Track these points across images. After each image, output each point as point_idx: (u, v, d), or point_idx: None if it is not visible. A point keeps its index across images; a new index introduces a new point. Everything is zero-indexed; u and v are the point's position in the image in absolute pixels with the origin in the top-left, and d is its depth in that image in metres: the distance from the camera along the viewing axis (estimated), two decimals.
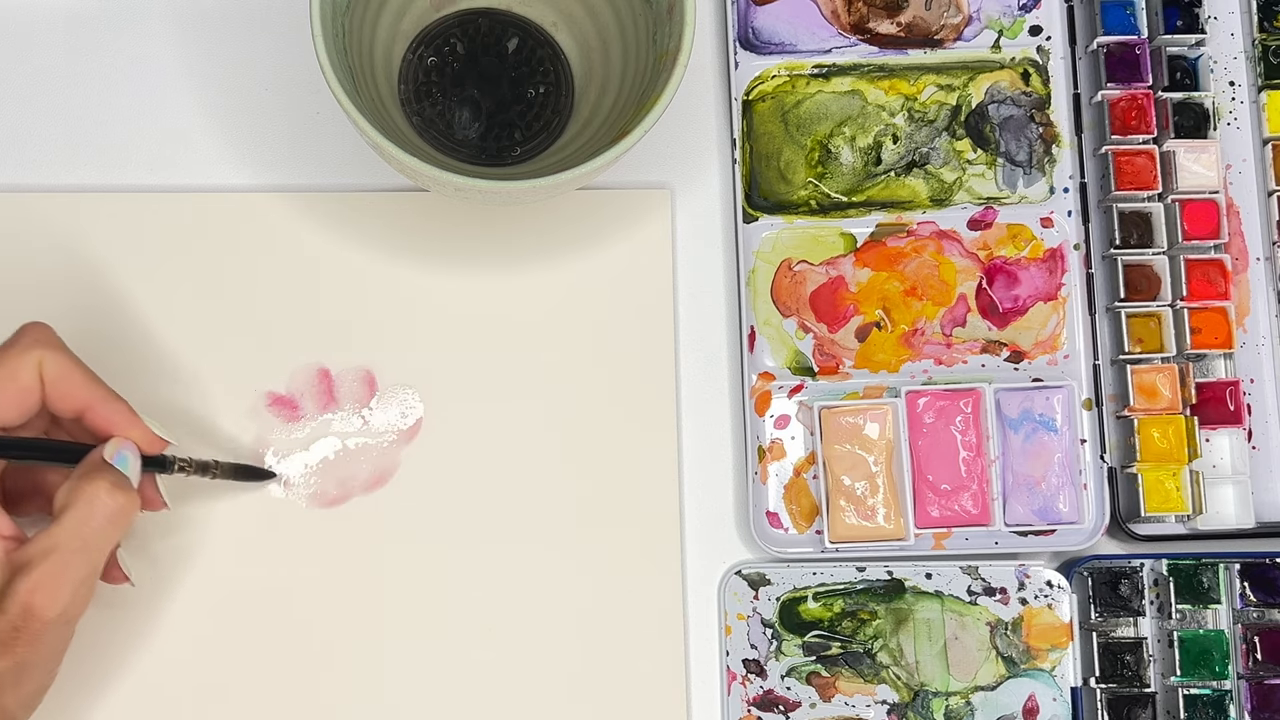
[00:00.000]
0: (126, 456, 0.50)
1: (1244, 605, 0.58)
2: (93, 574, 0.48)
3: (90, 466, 0.49)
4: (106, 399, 0.51)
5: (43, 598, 0.47)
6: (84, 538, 0.48)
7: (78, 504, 0.48)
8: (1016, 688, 0.58)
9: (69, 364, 0.50)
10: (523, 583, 0.58)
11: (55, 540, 0.47)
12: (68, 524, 0.47)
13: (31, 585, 0.46)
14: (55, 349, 0.50)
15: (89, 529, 0.48)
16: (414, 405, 0.59)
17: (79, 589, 0.48)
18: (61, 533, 0.47)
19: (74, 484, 0.48)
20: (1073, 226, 0.61)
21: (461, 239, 0.60)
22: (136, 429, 0.51)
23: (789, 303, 0.61)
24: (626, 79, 0.57)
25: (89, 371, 0.51)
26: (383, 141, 0.50)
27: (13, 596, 0.46)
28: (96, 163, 0.61)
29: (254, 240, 0.60)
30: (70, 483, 0.49)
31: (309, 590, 0.57)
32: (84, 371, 0.51)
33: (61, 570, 0.47)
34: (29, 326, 0.51)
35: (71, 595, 0.47)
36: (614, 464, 0.59)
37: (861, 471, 0.59)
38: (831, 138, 0.62)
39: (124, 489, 0.49)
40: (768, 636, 0.58)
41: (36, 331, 0.50)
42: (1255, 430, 0.61)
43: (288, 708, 0.57)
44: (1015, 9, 0.63)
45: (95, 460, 0.50)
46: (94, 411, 0.50)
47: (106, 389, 0.51)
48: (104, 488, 0.48)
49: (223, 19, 0.62)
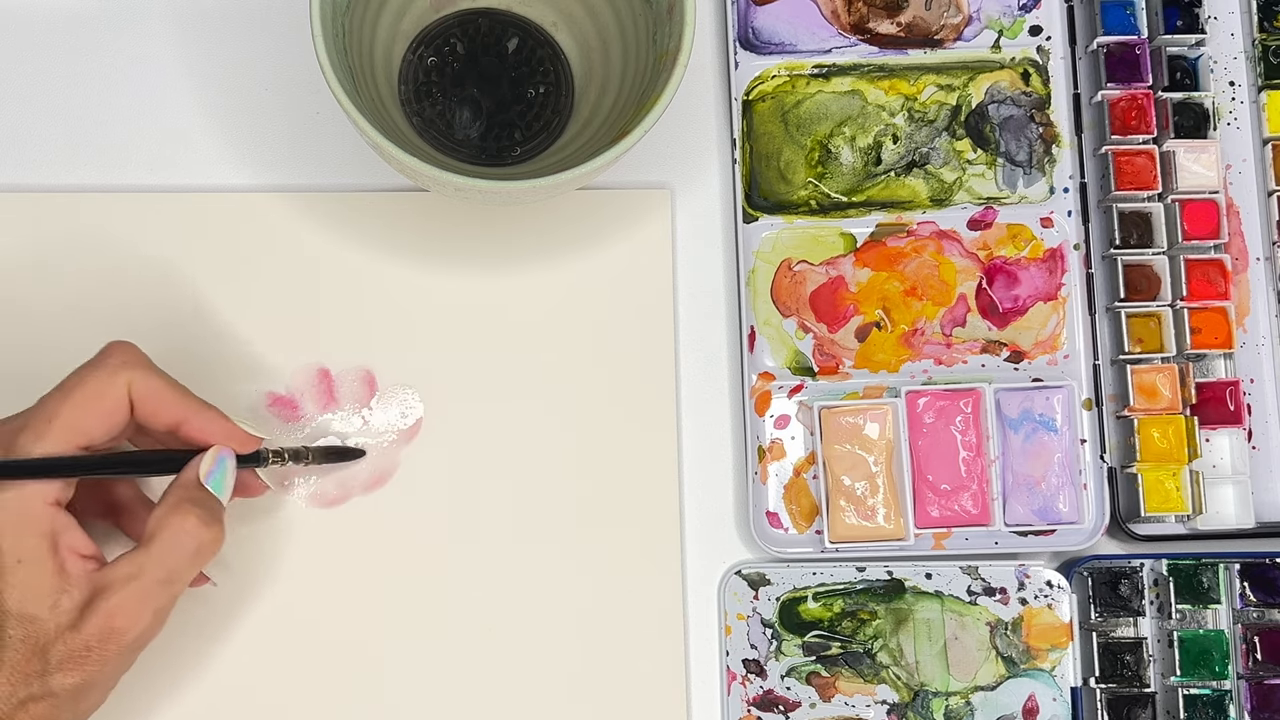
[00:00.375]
0: (224, 461, 0.51)
1: (1244, 605, 0.58)
2: (171, 603, 0.49)
3: (181, 493, 0.50)
4: (199, 410, 0.51)
5: (123, 620, 0.47)
6: (169, 568, 0.48)
7: (166, 534, 0.48)
8: (1016, 688, 0.58)
9: (159, 383, 0.50)
10: (523, 582, 0.58)
11: (141, 567, 0.48)
12: (155, 553, 0.48)
13: (112, 608, 0.47)
14: (143, 368, 0.50)
15: (175, 559, 0.48)
16: (414, 405, 0.59)
17: (157, 616, 0.48)
18: (148, 560, 0.48)
19: (165, 513, 0.49)
20: (1073, 226, 0.61)
21: (461, 239, 0.60)
22: (233, 436, 0.51)
23: (789, 303, 0.61)
24: (626, 79, 0.57)
25: (178, 386, 0.51)
26: (383, 141, 0.50)
27: (92, 616, 0.47)
28: (96, 163, 0.61)
29: (254, 240, 0.60)
30: (161, 510, 0.49)
31: (309, 590, 0.57)
32: (174, 388, 0.51)
33: (144, 596, 0.48)
34: (115, 346, 0.51)
35: (151, 621, 0.48)
36: (614, 464, 0.59)
37: (861, 471, 0.59)
38: (831, 138, 0.62)
39: (212, 524, 0.49)
40: (768, 636, 0.58)
41: (124, 352, 0.50)
42: (1255, 430, 0.61)
43: (288, 707, 0.57)
44: (1015, 9, 0.63)
45: (188, 482, 0.50)
46: (189, 424, 0.51)
47: (197, 401, 0.51)
48: (193, 521, 0.48)
49: (223, 19, 0.62)
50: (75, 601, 0.47)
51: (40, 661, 0.46)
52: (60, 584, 0.47)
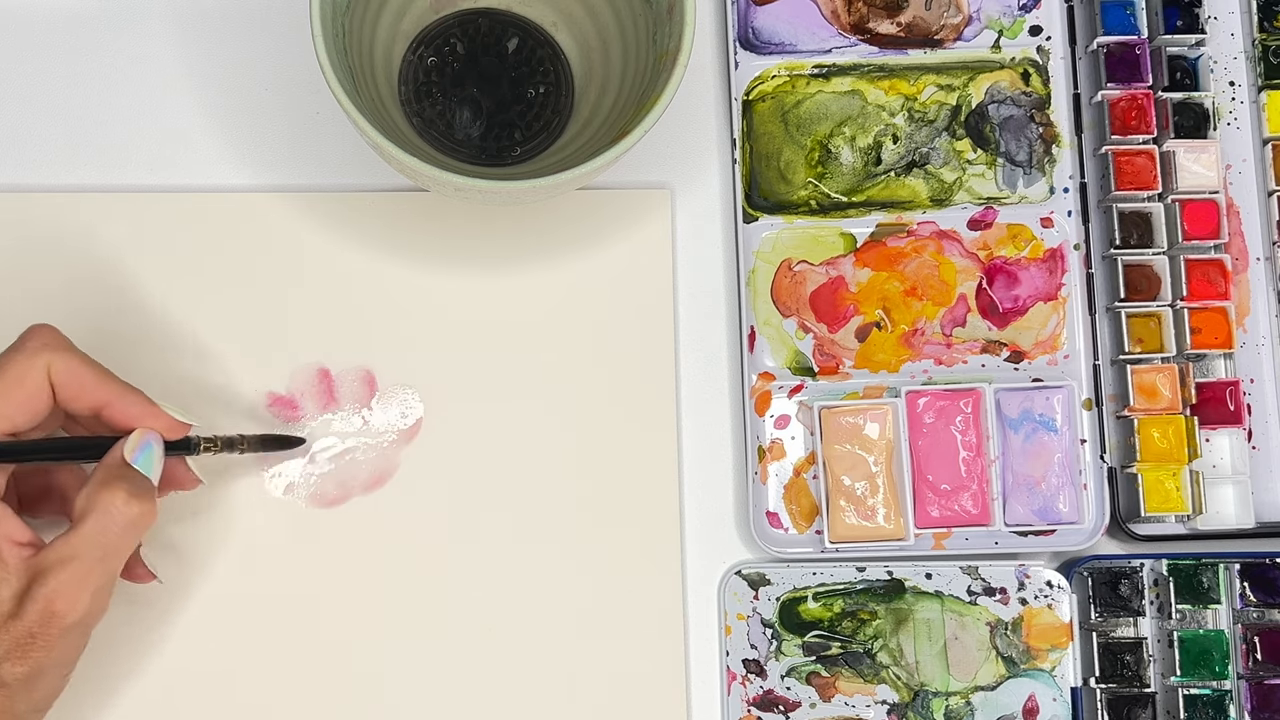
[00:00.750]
0: (151, 445, 0.50)
1: (1244, 605, 0.58)
2: (111, 580, 0.49)
3: (109, 471, 0.49)
4: (122, 393, 0.50)
5: (62, 604, 0.47)
6: (103, 546, 0.48)
7: (96, 511, 0.48)
8: (1016, 688, 0.58)
9: (79, 364, 0.50)
10: (523, 583, 0.58)
11: (74, 548, 0.47)
12: (87, 532, 0.48)
13: (50, 592, 0.47)
14: (63, 350, 0.50)
15: (108, 537, 0.48)
16: (414, 405, 0.59)
17: (97, 595, 0.48)
18: (80, 540, 0.48)
19: (93, 490, 0.48)
20: (1073, 226, 0.61)
21: (461, 239, 0.60)
22: (159, 419, 0.51)
23: (789, 303, 0.61)
24: (626, 79, 0.57)
25: (100, 368, 0.51)
26: (383, 141, 0.50)
27: (32, 602, 0.47)
28: (96, 163, 0.61)
29: (254, 240, 0.60)
30: (89, 489, 0.49)
31: (309, 590, 0.57)
32: (96, 369, 0.50)
33: (81, 577, 0.47)
34: (35, 329, 0.50)
35: (90, 602, 0.48)
36: (614, 464, 0.59)
37: (861, 471, 0.59)
38: (831, 138, 0.62)
39: (142, 497, 0.49)
40: (768, 636, 0.58)
41: (43, 335, 0.50)
42: (1255, 430, 0.61)
43: (288, 707, 0.57)
44: (1015, 9, 0.63)
45: (115, 462, 0.49)
46: (111, 407, 0.50)
47: (120, 383, 0.51)
48: (121, 496, 0.48)
49: (223, 19, 0.62)
50: (13, 589, 0.47)
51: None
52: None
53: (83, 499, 0.48)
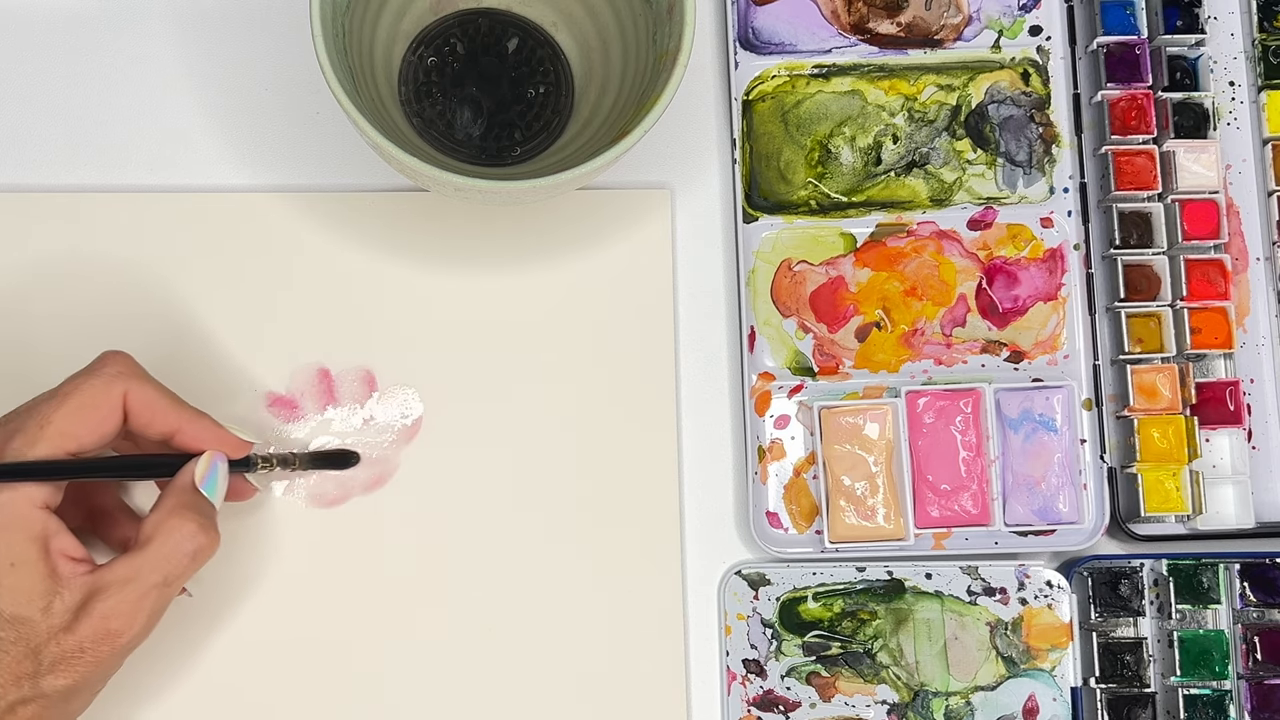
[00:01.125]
0: (218, 467, 0.51)
1: (1244, 605, 0.58)
2: (165, 607, 0.49)
3: (180, 497, 0.50)
4: (193, 420, 0.51)
5: (119, 623, 0.47)
6: (166, 571, 0.48)
7: (163, 538, 0.49)
8: (1016, 688, 0.58)
9: (154, 393, 0.51)
10: (523, 582, 0.58)
11: (137, 569, 0.48)
12: (152, 556, 0.48)
13: (109, 609, 0.47)
14: (139, 379, 0.50)
15: (172, 564, 0.49)
16: (414, 405, 0.59)
17: (151, 618, 0.49)
18: (145, 564, 0.48)
19: (163, 516, 0.49)
20: (1073, 226, 0.61)
21: (461, 239, 0.60)
22: (225, 442, 0.52)
23: (789, 303, 0.61)
24: (626, 79, 0.57)
25: (172, 396, 0.51)
26: (383, 141, 0.50)
27: (87, 619, 0.47)
28: (96, 163, 0.61)
29: (254, 240, 0.60)
30: (159, 514, 0.49)
31: (309, 590, 0.57)
32: (168, 397, 0.51)
33: (139, 599, 0.48)
34: (112, 356, 0.51)
35: (144, 623, 0.48)
36: (614, 464, 0.59)
37: (861, 471, 0.59)
38: (831, 138, 0.62)
39: (209, 529, 0.49)
40: (768, 636, 0.58)
41: (120, 362, 0.51)
42: (1255, 430, 0.61)
43: (287, 708, 0.57)
44: (1015, 9, 0.63)
45: (185, 487, 0.50)
46: (182, 434, 0.51)
47: (191, 410, 0.52)
48: (191, 528, 0.49)
49: (223, 19, 0.62)
50: (68, 604, 0.47)
51: (32, 663, 0.46)
52: (52, 586, 0.47)
53: (150, 524, 0.49)
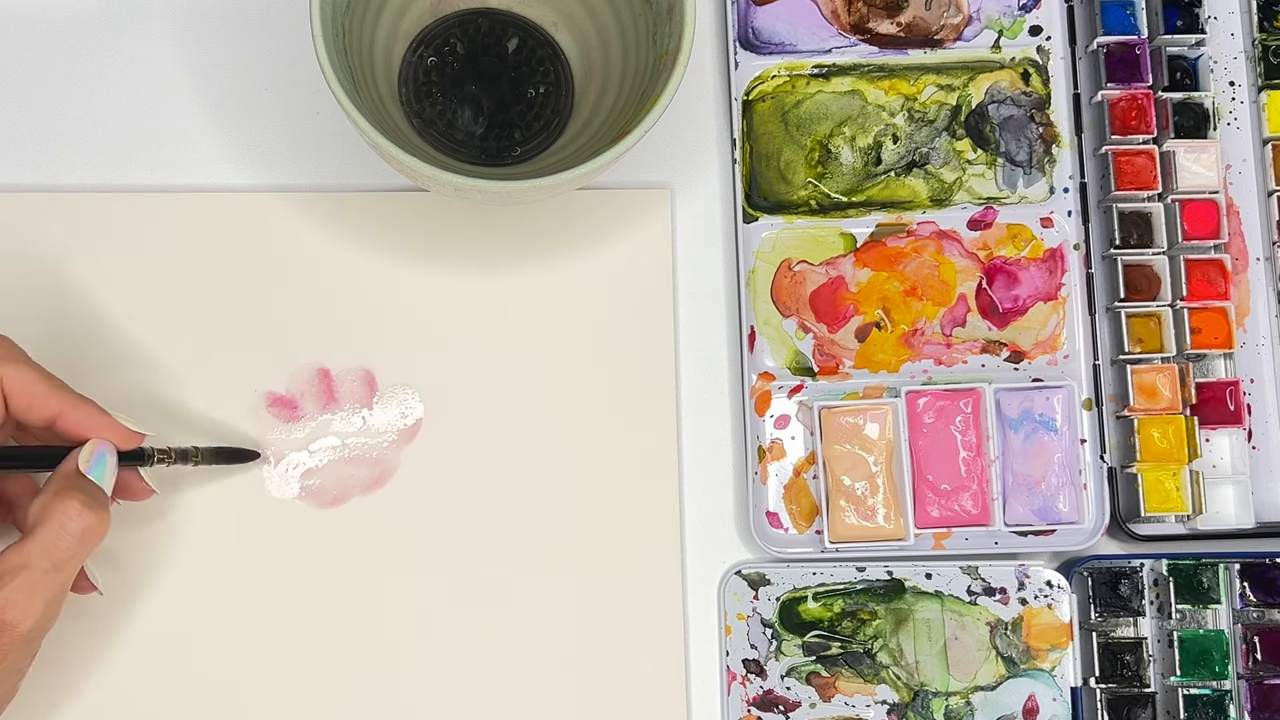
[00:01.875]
0: (104, 455, 0.50)
1: (1244, 605, 0.58)
2: (63, 590, 0.48)
3: (63, 481, 0.49)
4: (76, 404, 0.50)
5: (14, 613, 0.47)
6: (55, 557, 0.47)
7: (49, 522, 0.48)
8: (1016, 688, 0.58)
9: (32, 375, 0.50)
10: (522, 582, 0.58)
11: (26, 556, 0.47)
12: (40, 541, 0.47)
13: (3, 601, 0.46)
14: (16, 361, 0.50)
15: (60, 548, 0.48)
16: (414, 405, 0.59)
17: (50, 605, 0.48)
18: (34, 550, 0.47)
19: (46, 500, 0.48)
20: (1073, 226, 0.61)
21: (461, 239, 0.60)
22: (111, 429, 0.51)
23: (789, 303, 0.61)
24: (626, 79, 0.57)
25: (53, 379, 0.50)
26: (383, 141, 0.50)
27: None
28: (96, 163, 0.61)
29: (254, 240, 0.60)
30: (43, 498, 0.48)
31: (308, 590, 0.57)
32: (48, 380, 0.50)
33: (33, 586, 0.47)
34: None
35: (43, 610, 0.47)
36: (614, 464, 0.59)
37: (861, 471, 0.59)
38: (831, 138, 0.62)
39: (95, 508, 0.48)
40: (768, 636, 0.58)
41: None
42: (1255, 430, 0.61)
43: (287, 708, 0.57)
44: (1015, 9, 0.63)
45: (69, 472, 0.49)
46: (64, 418, 0.50)
47: (73, 394, 0.50)
48: (75, 507, 0.48)
49: (223, 19, 0.62)
50: None
51: None
52: None
53: (36, 508, 0.48)
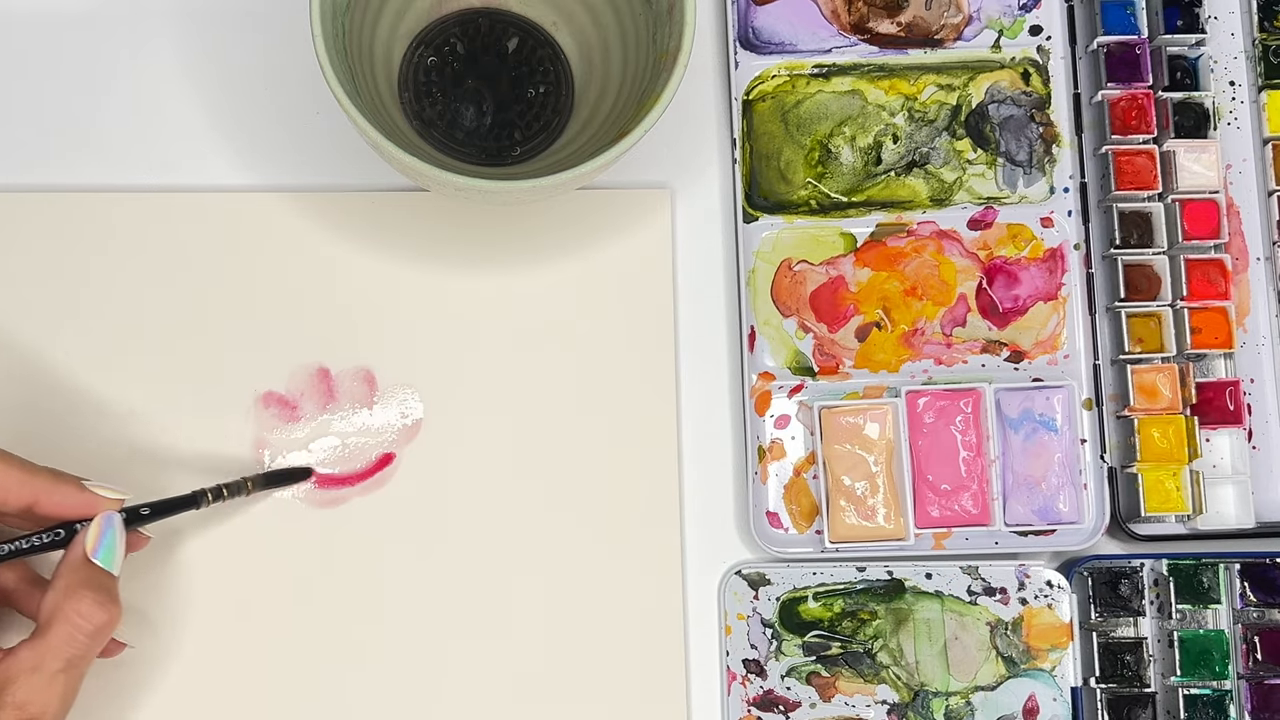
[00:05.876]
0: (111, 535, 0.49)
1: (1244, 605, 0.58)
2: (79, 681, 0.48)
3: (72, 574, 0.48)
4: (50, 486, 0.49)
5: (34, 709, 0.47)
6: (68, 655, 0.47)
7: (61, 622, 0.47)
8: (1016, 688, 0.58)
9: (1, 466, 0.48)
10: (523, 582, 0.58)
11: (40, 657, 0.47)
12: (54, 641, 0.47)
13: (21, 700, 0.46)
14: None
15: (75, 646, 0.47)
16: (414, 405, 0.59)
17: (65, 698, 0.47)
18: (47, 649, 0.47)
19: (58, 598, 0.47)
20: (1073, 226, 0.61)
21: (461, 239, 0.60)
22: (93, 506, 0.50)
23: (789, 303, 0.61)
24: (626, 79, 0.57)
25: (23, 464, 0.49)
26: (383, 141, 0.50)
27: (1, 711, 0.46)
28: (96, 163, 0.61)
29: (254, 240, 0.60)
30: (53, 596, 0.48)
31: (308, 591, 0.57)
32: (18, 467, 0.49)
33: (48, 685, 0.47)
34: None
35: (60, 704, 0.47)
36: (614, 464, 0.59)
37: (861, 471, 0.59)
38: (831, 138, 0.62)
39: (107, 603, 0.48)
40: (768, 636, 0.58)
41: None
42: (1255, 430, 0.61)
43: (287, 707, 0.57)
44: (1015, 9, 0.63)
45: (78, 562, 0.48)
46: (41, 504, 0.49)
47: (47, 474, 0.49)
48: (86, 607, 0.47)
49: (222, 19, 0.62)
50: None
51: None
52: None
53: (47, 607, 0.48)
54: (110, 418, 0.58)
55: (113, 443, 0.58)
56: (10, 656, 0.47)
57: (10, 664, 0.47)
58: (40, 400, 0.58)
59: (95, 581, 0.48)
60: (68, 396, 0.58)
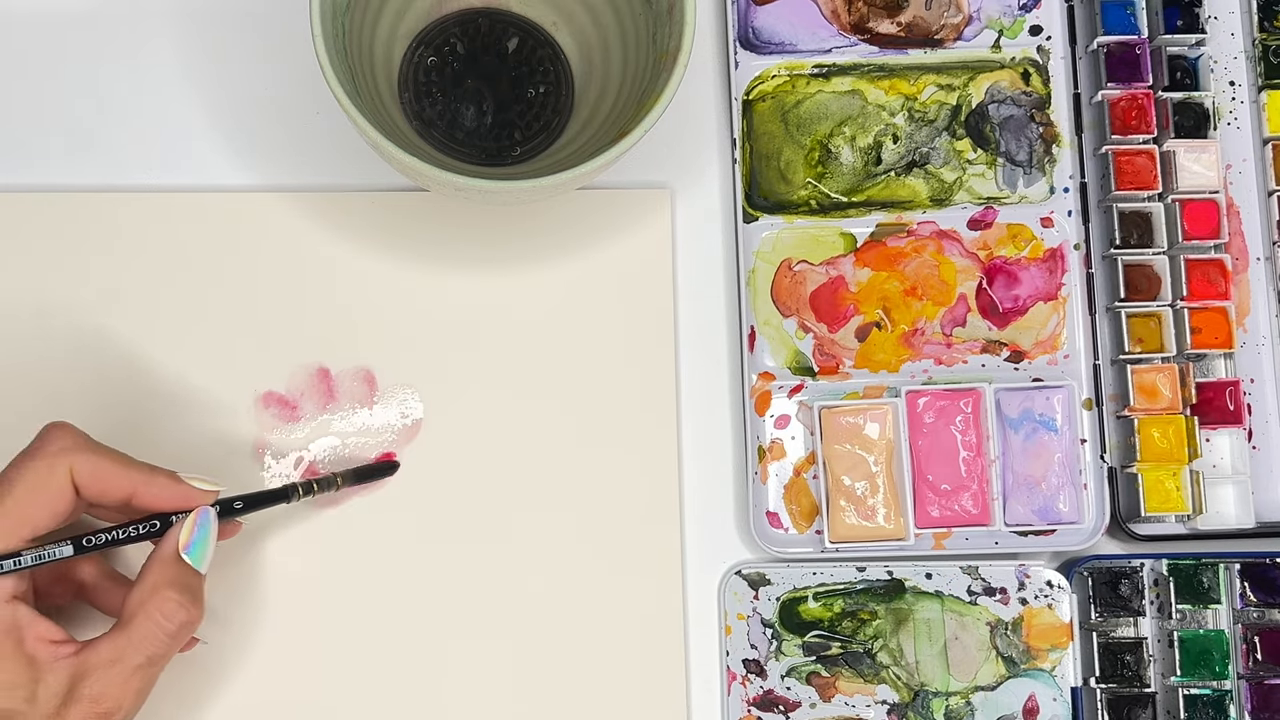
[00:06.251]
0: (205, 532, 0.50)
1: (1244, 605, 0.58)
2: (154, 680, 0.49)
3: (162, 571, 0.49)
4: (148, 479, 0.50)
5: (108, 704, 0.47)
6: (149, 652, 0.48)
7: (144, 617, 0.48)
8: (1016, 688, 0.58)
9: (102, 460, 0.49)
10: (523, 582, 0.58)
11: (121, 651, 0.47)
12: (134, 637, 0.48)
13: (97, 693, 0.47)
14: (84, 450, 0.49)
15: (154, 645, 0.48)
16: (414, 405, 0.59)
17: (140, 694, 0.48)
18: (128, 645, 0.47)
19: (144, 594, 0.48)
20: (1073, 226, 0.61)
21: (461, 239, 0.60)
22: (188, 499, 0.50)
23: (789, 303, 0.61)
24: (626, 79, 0.57)
25: (122, 458, 0.50)
26: (383, 141, 0.50)
27: (76, 703, 0.47)
28: (96, 163, 0.61)
29: (254, 240, 0.60)
30: (139, 592, 0.48)
31: (308, 591, 0.57)
32: (118, 461, 0.49)
33: (126, 679, 0.47)
34: (52, 431, 0.49)
35: (134, 700, 0.48)
36: (614, 464, 0.59)
37: (861, 471, 0.59)
38: (831, 138, 0.62)
39: (190, 604, 0.48)
40: (768, 636, 0.58)
41: (62, 437, 0.49)
42: (1255, 430, 0.61)
43: (286, 707, 0.57)
44: (1015, 9, 0.63)
45: (168, 558, 0.49)
46: (139, 496, 0.50)
47: (144, 468, 0.50)
48: (171, 606, 0.48)
49: (222, 19, 0.62)
50: (53, 690, 0.47)
51: None
52: (33, 675, 0.46)
53: (132, 603, 0.48)
54: (110, 418, 0.58)
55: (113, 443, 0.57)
56: (89, 649, 0.48)
57: (89, 656, 0.47)
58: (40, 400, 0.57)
59: (182, 581, 0.49)
60: (68, 396, 0.58)
